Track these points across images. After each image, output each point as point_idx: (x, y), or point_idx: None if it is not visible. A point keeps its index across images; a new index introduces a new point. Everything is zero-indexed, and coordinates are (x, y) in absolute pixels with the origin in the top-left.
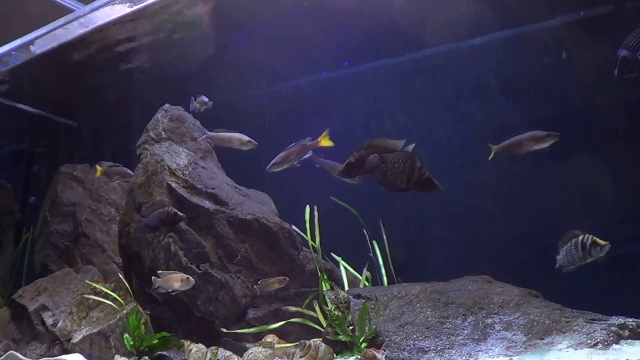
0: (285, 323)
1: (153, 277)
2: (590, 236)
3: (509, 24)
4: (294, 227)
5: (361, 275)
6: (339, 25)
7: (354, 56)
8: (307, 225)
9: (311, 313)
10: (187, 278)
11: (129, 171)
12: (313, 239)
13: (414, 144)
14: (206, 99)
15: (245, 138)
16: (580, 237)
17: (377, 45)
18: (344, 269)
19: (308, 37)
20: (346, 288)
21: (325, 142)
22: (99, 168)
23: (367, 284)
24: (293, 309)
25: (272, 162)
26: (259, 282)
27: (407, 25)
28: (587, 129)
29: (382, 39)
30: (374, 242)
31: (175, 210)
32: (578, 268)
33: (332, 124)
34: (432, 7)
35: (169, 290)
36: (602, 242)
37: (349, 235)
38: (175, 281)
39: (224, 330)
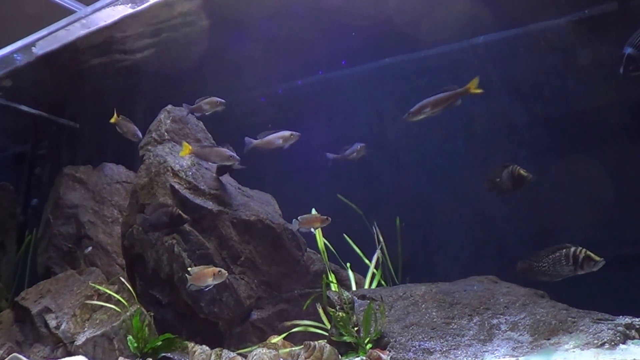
0: (287, 334)
1: (186, 276)
2: (584, 249)
3: (512, 23)
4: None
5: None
6: (336, 26)
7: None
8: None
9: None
10: (220, 271)
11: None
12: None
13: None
14: (219, 100)
15: (287, 133)
16: (572, 250)
17: (377, 44)
18: (351, 270)
19: (309, 38)
20: (353, 289)
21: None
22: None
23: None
24: (289, 323)
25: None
26: (299, 218)
27: (409, 24)
28: (591, 128)
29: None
30: (382, 241)
31: (180, 212)
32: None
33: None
34: (434, 6)
35: (203, 287)
36: (597, 258)
37: (353, 236)
38: (207, 276)
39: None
